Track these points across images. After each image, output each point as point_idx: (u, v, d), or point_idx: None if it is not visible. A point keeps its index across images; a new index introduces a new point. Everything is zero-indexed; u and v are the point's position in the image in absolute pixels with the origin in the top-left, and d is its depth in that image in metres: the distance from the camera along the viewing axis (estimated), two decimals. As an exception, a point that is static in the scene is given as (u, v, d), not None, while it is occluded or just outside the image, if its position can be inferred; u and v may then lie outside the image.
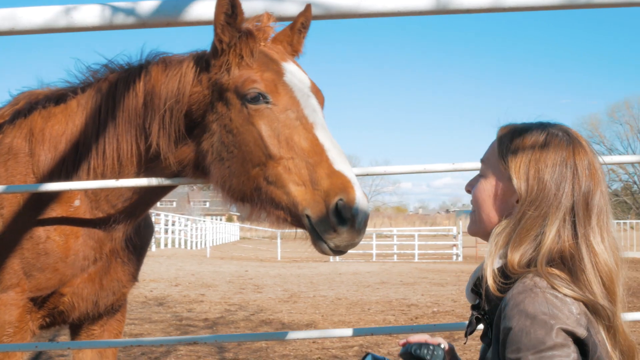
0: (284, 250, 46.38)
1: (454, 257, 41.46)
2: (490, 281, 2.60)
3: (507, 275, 2.57)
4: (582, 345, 2.39)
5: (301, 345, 11.97)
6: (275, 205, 3.52)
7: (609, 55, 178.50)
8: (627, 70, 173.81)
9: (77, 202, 4.14)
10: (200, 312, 16.35)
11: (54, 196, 4.07)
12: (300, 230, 3.61)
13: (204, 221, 61.91)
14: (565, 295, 2.43)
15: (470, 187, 2.90)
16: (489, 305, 2.67)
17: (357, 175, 3.49)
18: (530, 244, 2.59)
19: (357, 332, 4.00)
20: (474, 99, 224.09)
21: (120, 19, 3.49)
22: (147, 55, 4.10)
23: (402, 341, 3.00)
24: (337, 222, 3.28)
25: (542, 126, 2.75)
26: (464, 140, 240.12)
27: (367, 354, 3.03)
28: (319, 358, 11.14)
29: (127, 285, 4.56)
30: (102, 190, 4.07)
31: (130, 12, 3.49)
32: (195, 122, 3.81)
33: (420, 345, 2.89)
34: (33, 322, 4.23)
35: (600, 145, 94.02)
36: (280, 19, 3.74)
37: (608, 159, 4.26)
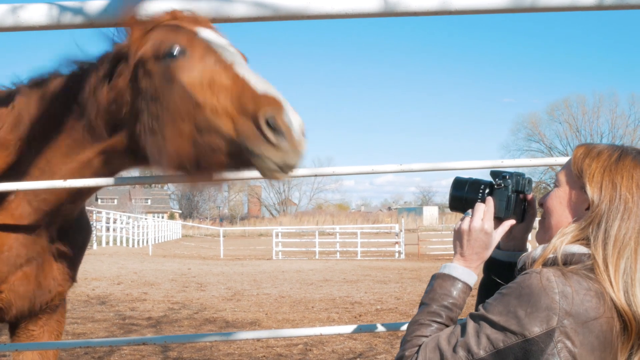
0: (226, 248, 46.26)
1: (397, 254, 41.69)
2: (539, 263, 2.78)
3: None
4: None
5: (246, 344, 11.97)
6: (218, 153, 3.38)
7: (550, 55, 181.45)
8: (567, 70, 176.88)
9: (11, 197, 4.07)
10: (144, 311, 16.23)
11: None
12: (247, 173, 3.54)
13: (146, 219, 61.21)
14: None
15: (544, 199, 3.01)
16: None
17: (305, 176, 3.48)
18: None
19: (304, 333, 4.03)
20: (417, 97, 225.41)
21: (68, 18, 3.45)
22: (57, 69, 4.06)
23: None
24: (273, 135, 3.19)
25: (615, 145, 2.90)
26: (410, 140, 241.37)
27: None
28: (264, 356, 11.15)
29: (64, 284, 4.49)
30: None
31: (78, 11, 3.45)
32: (124, 108, 3.73)
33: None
34: None
35: (540, 144, 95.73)
36: (229, 20, 3.74)
37: (552, 160, 4.37)
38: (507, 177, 3.02)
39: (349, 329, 3.93)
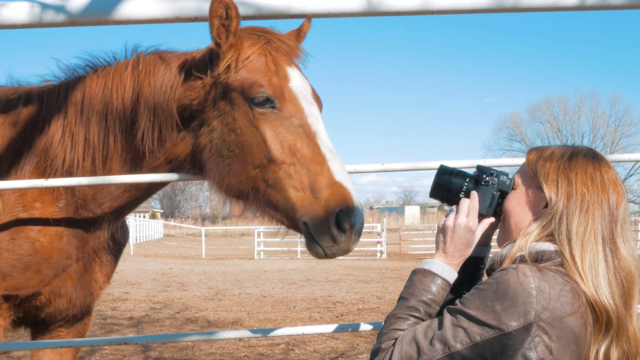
0: (208, 247, 46.15)
1: (378, 254, 41.70)
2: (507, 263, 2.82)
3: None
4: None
5: (227, 344, 11.95)
6: (272, 207, 3.57)
7: (532, 55, 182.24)
8: (548, 70, 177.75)
9: (61, 203, 4.04)
10: (125, 311, 16.18)
11: (37, 197, 3.99)
12: (291, 231, 3.69)
13: (127, 218, 60.88)
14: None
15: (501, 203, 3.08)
16: None
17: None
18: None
19: (286, 332, 4.03)
20: (399, 97, 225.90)
21: (50, 16, 3.44)
22: (135, 50, 4.04)
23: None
24: (337, 232, 3.36)
25: (566, 145, 3.01)
26: (392, 139, 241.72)
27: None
28: (246, 356, 11.14)
29: (103, 287, 4.50)
30: (90, 189, 4.00)
31: (59, 9, 3.45)
32: (194, 115, 3.78)
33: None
34: (4, 319, 4.13)
35: (521, 144, 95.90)
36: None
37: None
38: (494, 175, 3.04)
39: (330, 328, 3.94)
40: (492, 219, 3.06)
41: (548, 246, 2.77)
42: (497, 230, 3.11)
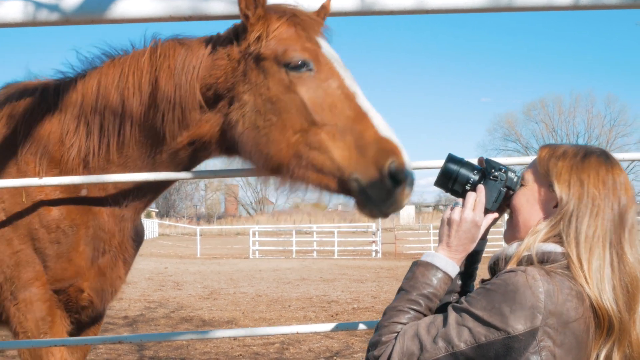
0: (203, 246, 46.14)
1: (373, 253, 41.71)
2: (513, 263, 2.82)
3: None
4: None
5: (222, 343, 11.95)
6: (317, 170, 3.49)
7: (527, 55, 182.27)
8: (543, 70, 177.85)
9: (84, 192, 4.06)
10: (120, 310, 16.16)
11: (59, 186, 4.01)
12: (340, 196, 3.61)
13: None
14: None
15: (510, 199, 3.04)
16: None
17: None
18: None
19: (281, 331, 4.03)
20: (394, 96, 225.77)
21: (44, 15, 3.44)
22: (153, 39, 4.02)
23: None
24: (392, 186, 3.31)
25: (579, 145, 2.97)
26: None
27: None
28: (240, 355, 11.14)
29: (123, 283, 4.51)
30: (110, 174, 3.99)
31: (53, 8, 3.44)
32: (220, 95, 3.75)
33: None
34: (65, 319, 4.17)
35: (516, 143, 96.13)
36: (207, 17, 3.73)
37: (527, 159, 4.39)
38: (503, 170, 3.01)
39: (325, 327, 3.93)
40: (496, 215, 3.04)
41: (554, 247, 2.76)
42: (498, 224, 3.10)
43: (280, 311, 16.39)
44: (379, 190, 3.34)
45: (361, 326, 3.91)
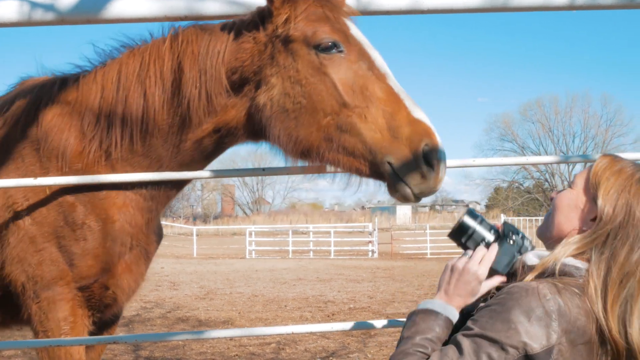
0: (200, 246, 46.08)
1: (370, 253, 41.71)
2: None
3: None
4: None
5: (218, 343, 11.94)
6: (348, 154, 3.46)
7: (524, 55, 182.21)
8: (540, 70, 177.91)
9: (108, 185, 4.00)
10: (115, 310, 16.12)
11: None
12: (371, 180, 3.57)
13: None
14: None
15: (556, 194, 2.98)
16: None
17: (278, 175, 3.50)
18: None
19: (277, 331, 4.03)
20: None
21: (39, 15, 3.44)
22: (172, 27, 3.97)
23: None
24: (426, 168, 3.29)
25: (638, 164, 2.85)
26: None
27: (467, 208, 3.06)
28: (236, 355, 11.13)
29: (143, 282, 4.47)
30: (132, 167, 3.99)
31: (49, 8, 3.44)
32: (246, 78, 3.73)
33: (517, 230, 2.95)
34: (87, 319, 4.12)
35: (512, 143, 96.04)
36: (201, 17, 3.73)
37: (523, 159, 4.40)
38: (521, 236, 2.91)
39: (321, 327, 3.94)
40: (504, 278, 2.90)
41: (574, 262, 2.70)
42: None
43: (277, 311, 16.38)
44: (413, 172, 3.31)
45: (357, 326, 3.91)
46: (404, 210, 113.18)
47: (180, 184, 4.20)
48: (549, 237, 2.90)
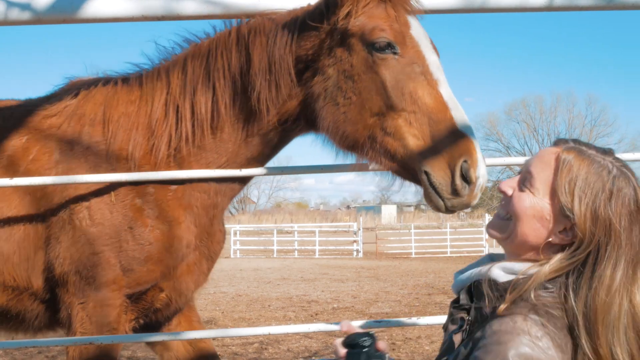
0: (184, 246, 45.96)
1: (354, 253, 41.82)
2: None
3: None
4: None
5: (201, 343, 11.90)
6: (389, 156, 3.47)
7: (509, 55, 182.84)
8: (525, 70, 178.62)
9: (173, 186, 3.94)
10: (98, 310, 16.05)
11: (149, 181, 3.88)
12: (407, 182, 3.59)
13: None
14: None
15: (509, 189, 2.61)
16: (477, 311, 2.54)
17: (267, 172, 3.50)
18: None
19: (259, 332, 4.03)
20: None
21: (15, 14, 3.44)
22: (236, 19, 3.95)
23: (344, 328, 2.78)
24: (461, 184, 3.28)
25: (612, 165, 2.49)
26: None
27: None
28: (219, 355, 11.10)
29: (205, 281, 4.41)
30: (199, 164, 3.97)
31: (25, 7, 3.44)
32: (307, 66, 3.72)
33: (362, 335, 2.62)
34: (127, 324, 4.00)
35: (497, 143, 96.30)
36: (179, 17, 3.73)
37: (510, 160, 4.40)
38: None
39: (302, 328, 3.94)
40: None
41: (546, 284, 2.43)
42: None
43: (260, 311, 16.37)
44: (448, 187, 3.32)
45: (340, 326, 3.90)
46: (389, 210, 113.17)
47: (245, 179, 4.17)
48: (510, 245, 2.62)
